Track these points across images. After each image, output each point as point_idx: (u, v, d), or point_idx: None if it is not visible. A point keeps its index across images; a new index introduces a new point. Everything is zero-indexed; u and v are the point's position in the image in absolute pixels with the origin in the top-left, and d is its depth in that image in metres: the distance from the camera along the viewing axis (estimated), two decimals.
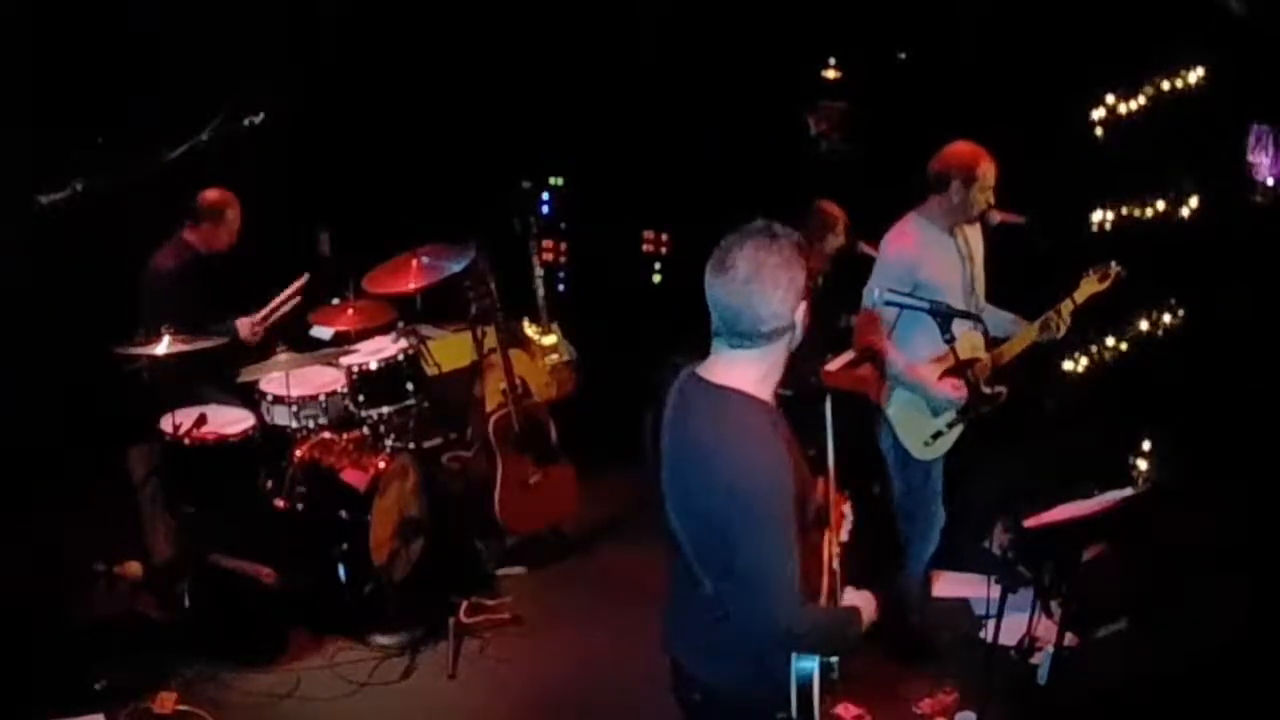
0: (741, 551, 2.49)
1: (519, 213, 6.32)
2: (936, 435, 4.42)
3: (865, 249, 5.89)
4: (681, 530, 2.67)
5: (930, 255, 4.34)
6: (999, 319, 4.52)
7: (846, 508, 2.97)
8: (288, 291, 5.47)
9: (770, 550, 2.48)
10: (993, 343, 4.32)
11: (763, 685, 2.69)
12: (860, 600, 2.76)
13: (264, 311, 5.41)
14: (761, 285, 2.50)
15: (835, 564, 2.81)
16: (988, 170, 4.29)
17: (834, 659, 2.72)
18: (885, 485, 4.79)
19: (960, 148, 4.34)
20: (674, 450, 2.68)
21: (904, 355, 4.32)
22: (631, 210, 7.82)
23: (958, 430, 4.42)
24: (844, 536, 2.91)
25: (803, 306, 2.56)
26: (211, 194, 5.32)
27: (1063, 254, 5.00)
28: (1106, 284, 4.52)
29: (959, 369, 4.06)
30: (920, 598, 4.94)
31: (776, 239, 2.56)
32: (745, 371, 2.59)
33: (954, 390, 4.29)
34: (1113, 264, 4.52)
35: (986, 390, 4.26)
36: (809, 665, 2.67)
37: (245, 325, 5.37)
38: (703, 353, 2.71)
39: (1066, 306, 4.47)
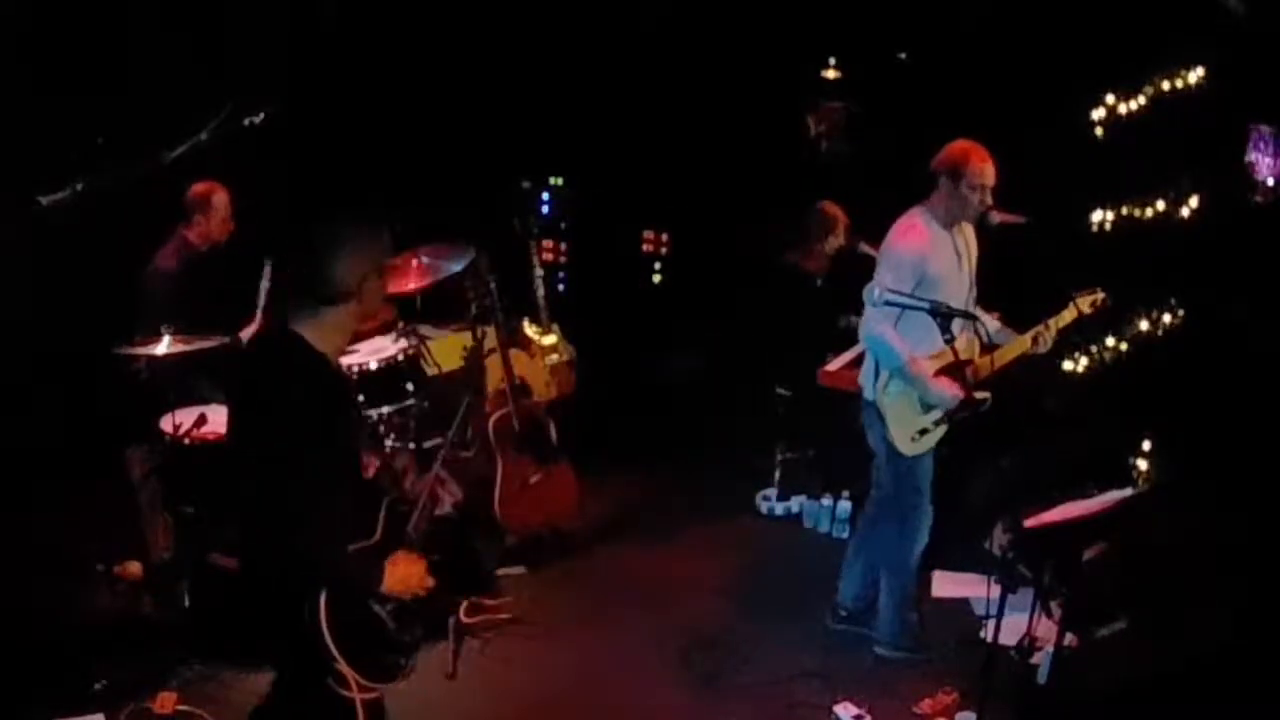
0: (276, 478, 2.78)
1: (519, 213, 6.32)
2: (923, 432, 4.43)
3: (865, 249, 5.89)
4: (247, 483, 2.95)
5: (935, 250, 4.36)
6: (987, 325, 4.53)
7: (454, 486, 3.36)
8: (264, 283, 5.48)
9: (306, 477, 2.77)
10: (985, 349, 4.32)
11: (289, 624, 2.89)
12: (399, 564, 3.03)
13: (258, 315, 5.43)
14: (333, 254, 2.90)
15: (413, 529, 3.21)
16: (979, 168, 4.30)
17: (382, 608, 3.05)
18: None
19: (953, 145, 4.38)
20: (242, 397, 3.04)
21: (907, 346, 4.32)
22: (631, 210, 7.83)
23: (941, 430, 4.43)
24: (446, 509, 3.35)
25: (374, 283, 2.96)
26: (197, 187, 5.32)
27: (1063, 254, 5.00)
28: (1092, 310, 4.55)
29: (956, 368, 4.06)
30: (918, 598, 4.95)
31: (362, 222, 2.98)
32: (311, 327, 2.93)
33: (950, 388, 4.30)
34: (1099, 290, 4.55)
35: (976, 395, 4.26)
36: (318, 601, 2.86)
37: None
38: (699, 351, 2.78)
39: (1056, 323, 4.50)
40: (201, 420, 4.81)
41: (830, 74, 7.51)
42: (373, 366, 5.17)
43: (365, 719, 3.02)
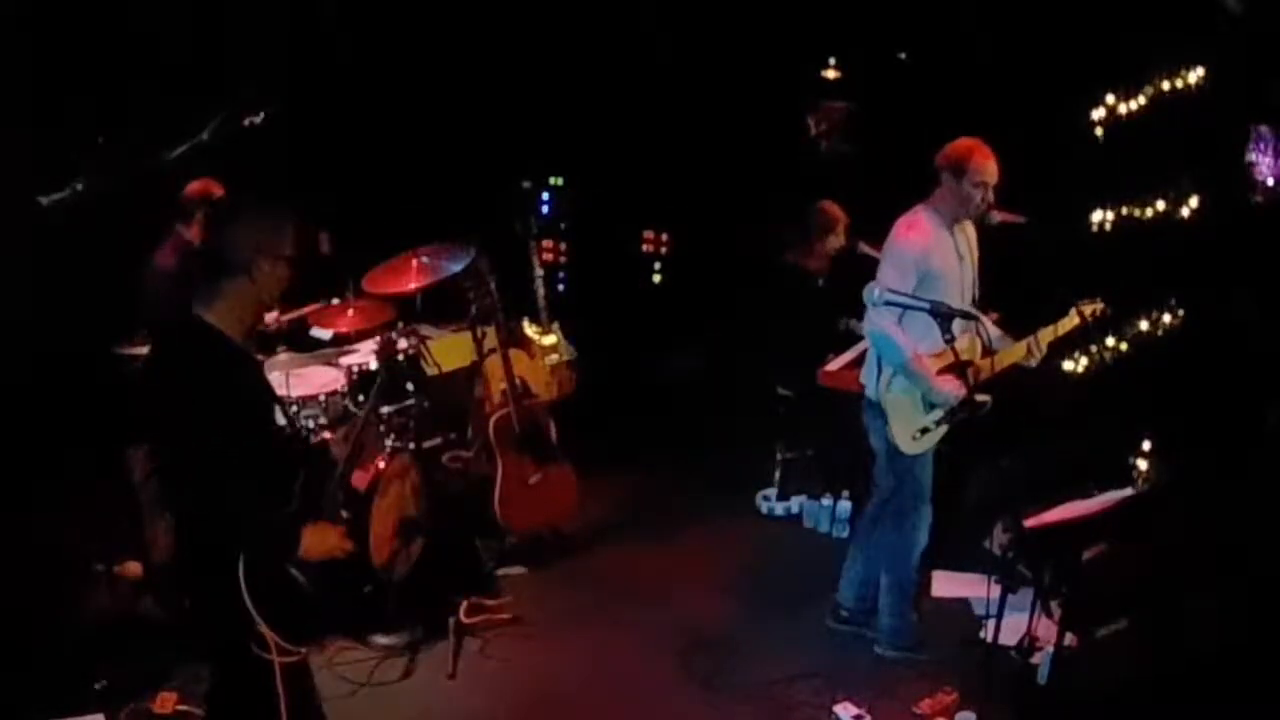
0: (192, 454, 2.94)
1: (519, 213, 6.32)
2: (924, 431, 4.43)
3: (866, 249, 5.89)
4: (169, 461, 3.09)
5: (937, 246, 4.36)
6: (988, 329, 4.53)
7: (367, 458, 3.47)
8: (309, 309, 5.53)
9: (218, 449, 2.93)
10: (986, 352, 4.32)
11: (226, 593, 3.01)
12: (315, 530, 3.16)
13: (291, 316, 5.45)
14: (226, 223, 3.07)
15: (327, 497, 3.37)
16: (981, 165, 4.31)
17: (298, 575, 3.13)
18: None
19: (956, 142, 4.39)
20: (152, 379, 3.14)
21: (911, 343, 4.33)
22: (631, 210, 7.83)
23: (942, 430, 4.43)
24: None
25: (266, 266, 3.05)
26: (193, 186, 5.30)
27: (1063, 254, 4.99)
28: (1092, 319, 4.56)
29: (958, 368, 4.06)
30: (918, 598, 4.95)
31: (264, 204, 3.15)
32: (210, 308, 3.05)
33: (953, 387, 4.30)
34: (1098, 300, 4.56)
35: (977, 397, 4.26)
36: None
37: (271, 315, 5.37)
38: (699, 351, 2.78)
39: (1045, 336, 4.53)
40: None
41: (830, 74, 7.51)
42: (373, 366, 5.17)
43: (284, 682, 3.08)
